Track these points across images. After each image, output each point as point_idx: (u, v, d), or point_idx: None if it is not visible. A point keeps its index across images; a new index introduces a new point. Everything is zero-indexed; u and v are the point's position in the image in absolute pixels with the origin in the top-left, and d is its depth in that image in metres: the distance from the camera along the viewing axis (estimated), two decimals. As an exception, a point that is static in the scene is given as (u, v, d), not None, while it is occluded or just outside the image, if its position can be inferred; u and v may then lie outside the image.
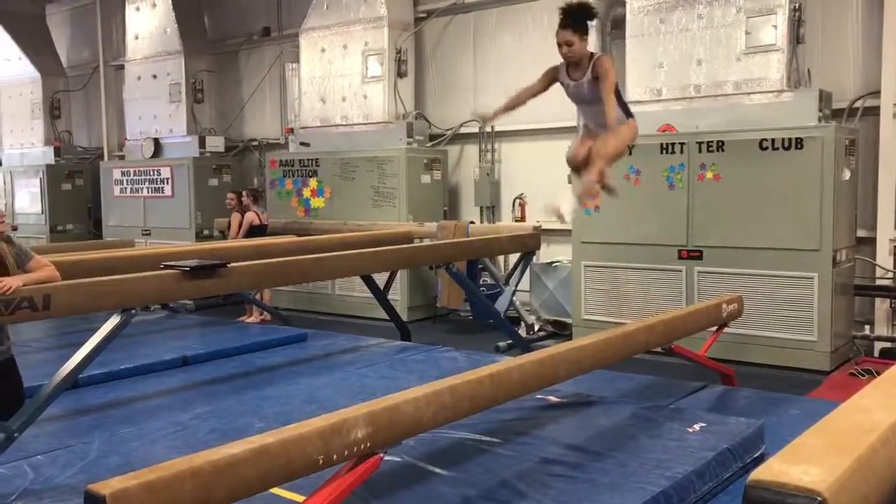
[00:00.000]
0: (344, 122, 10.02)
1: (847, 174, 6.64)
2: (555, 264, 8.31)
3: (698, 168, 6.93)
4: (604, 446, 3.95)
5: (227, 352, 6.74)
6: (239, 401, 5.25)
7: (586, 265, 7.59)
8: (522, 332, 8.00)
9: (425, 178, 9.43)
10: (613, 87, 4.90)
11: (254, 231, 9.03)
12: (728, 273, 6.84)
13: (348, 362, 6.41)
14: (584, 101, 5.10)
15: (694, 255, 7.00)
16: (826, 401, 5.05)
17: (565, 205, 5.11)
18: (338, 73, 10.01)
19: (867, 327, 7.08)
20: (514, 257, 8.10)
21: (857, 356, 6.87)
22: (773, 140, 6.58)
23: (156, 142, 11.61)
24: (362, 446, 2.80)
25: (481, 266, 8.41)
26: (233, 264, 5.16)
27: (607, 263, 7.43)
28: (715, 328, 5.46)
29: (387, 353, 6.67)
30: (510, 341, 7.44)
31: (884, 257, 7.01)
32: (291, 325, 8.37)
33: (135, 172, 11.70)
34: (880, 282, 7.08)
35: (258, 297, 9.07)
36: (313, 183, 10.04)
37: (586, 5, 4.91)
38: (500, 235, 7.59)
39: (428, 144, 9.78)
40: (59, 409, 4.92)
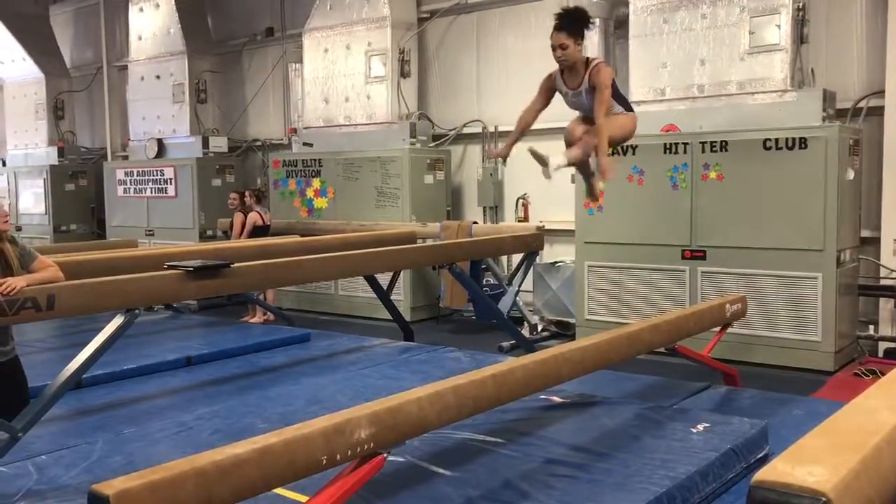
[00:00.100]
0: (347, 123, 10.02)
1: (851, 174, 6.63)
2: (558, 264, 8.31)
3: (702, 168, 6.92)
4: (607, 447, 3.95)
5: (231, 352, 6.75)
6: (242, 401, 5.25)
7: (589, 265, 7.59)
8: (525, 332, 8.00)
9: (428, 179, 9.43)
10: (608, 101, 4.82)
11: (257, 231, 9.03)
12: (732, 273, 6.83)
13: (351, 362, 6.41)
14: (584, 109, 5.10)
15: (697, 256, 6.99)
16: (830, 401, 5.05)
17: (554, 159, 4.86)
18: (341, 74, 10.01)
19: (871, 327, 7.07)
20: (518, 257, 8.10)
21: (862, 356, 6.86)
22: (776, 140, 6.57)
23: (159, 142, 11.62)
24: (366, 446, 2.80)
25: (484, 266, 8.41)
26: (236, 265, 5.16)
27: (610, 263, 7.43)
28: (718, 328, 5.45)
29: (390, 354, 6.67)
30: (513, 341, 7.44)
31: (888, 257, 6.99)
32: (295, 326, 8.37)
33: (138, 173, 11.72)
34: (884, 282, 7.06)
35: (261, 297, 9.08)
36: (316, 183, 10.04)
37: (582, 11, 4.91)
38: (503, 235, 7.58)
39: (431, 144, 9.78)
40: (62, 409, 4.93)
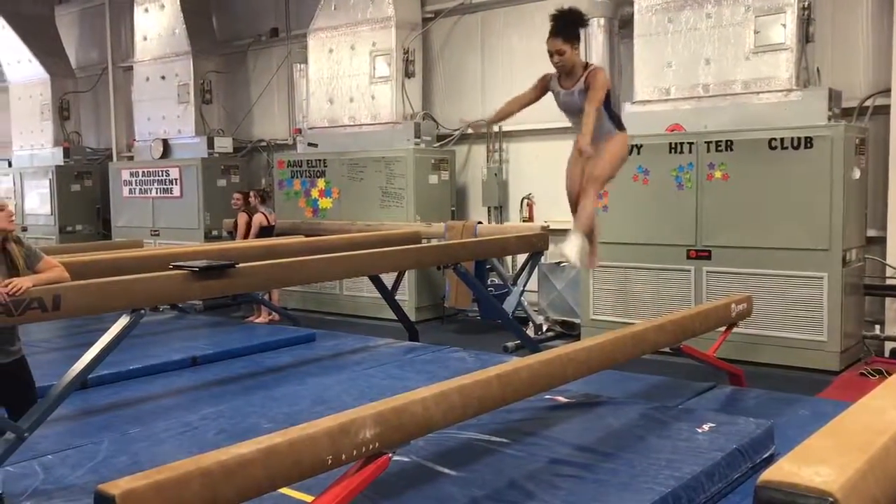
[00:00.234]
0: (352, 123, 10.03)
1: (857, 173, 6.61)
2: (563, 264, 8.30)
3: (707, 168, 6.90)
4: (612, 447, 3.94)
5: (236, 352, 6.76)
6: (247, 401, 5.26)
7: (594, 265, 7.57)
8: (530, 332, 7.99)
9: (433, 179, 9.43)
10: (599, 101, 4.75)
11: (262, 232, 9.05)
12: (737, 273, 6.82)
13: (356, 362, 6.42)
14: (573, 111, 4.96)
15: (703, 255, 6.98)
16: (836, 401, 5.03)
17: (569, 247, 4.87)
18: (345, 74, 10.02)
19: (877, 327, 7.05)
20: (522, 257, 8.09)
21: (868, 356, 6.84)
22: (782, 139, 6.55)
23: (164, 143, 11.65)
24: (371, 446, 2.80)
25: (489, 266, 8.41)
26: (241, 265, 5.16)
27: (616, 263, 7.41)
28: (724, 328, 5.44)
29: (395, 354, 6.67)
30: (518, 341, 7.44)
31: (894, 257, 6.97)
32: (300, 326, 8.38)
33: (143, 173, 11.74)
34: (890, 281, 7.04)
35: (266, 297, 9.09)
36: (321, 183, 10.05)
37: (577, 12, 4.79)
38: (507, 235, 7.58)
39: (436, 145, 9.78)
40: (68, 409, 4.94)
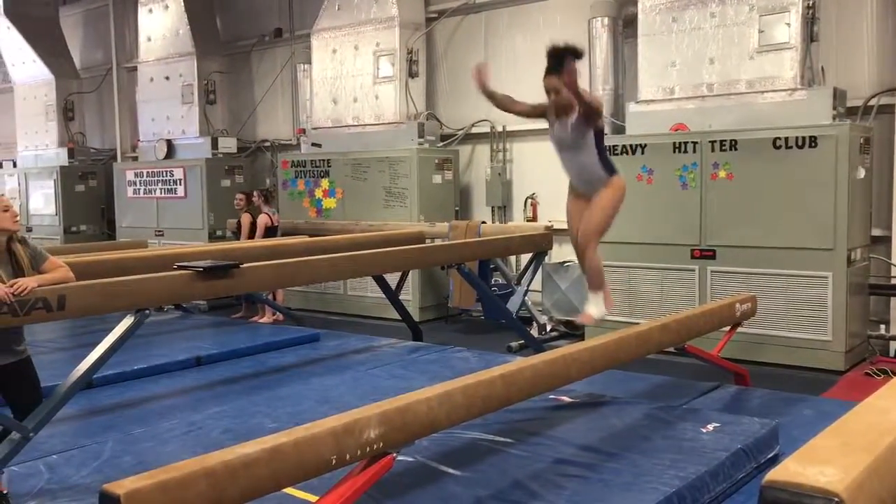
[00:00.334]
0: (355, 123, 10.03)
1: (862, 173, 6.60)
2: (567, 264, 8.30)
3: (711, 167, 6.90)
4: (617, 446, 3.94)
5: (240, 352, 6.77)
6: (252, 401, 5.27)
7: (598, 265, 7.56)
8: (534, 332, 7.99)
9: (437, 178, 9.43)
10: (594, 118, 4.66)
11: (266, 232, 9.06)
12: (741, 273, 6.80)
13: (360, 362, 6.42)
14: (564, 145, 4.80)
15: (707, 255, 6.97)
16: (841, 401, 5.04)
17: (593, 308, 4.85)
18: (349, 74, 10.02)
19: (882, 327, 7.03)
20: (526, 257, 8.09)
21: (873, 356, 6.82)
22: (786, 139, 6.54)
23: (168, 143, 11.66)
24: (375, 447, 2.81)
25: (493, 266, 8.40)
26: (246, 265, 5.17)
27: (620, 263, 7.40)
28: (728, 328, 5.43)
29: (399, 354, 6.67)
30: (522, 341, 7.43)
31: (899, 256, 6.97)
32: (304, 326, 8.39)
33: (148, 174, 11.76)
34: (895, 280, 7.03)
35: (271, 297, 9.10)
36: (325, 183, 10.05)
37: (572, 49, 4.63)
38: (511, 235, 7.58)
39: (439, 144, 9.78)
40: (73, 408, 4.96)
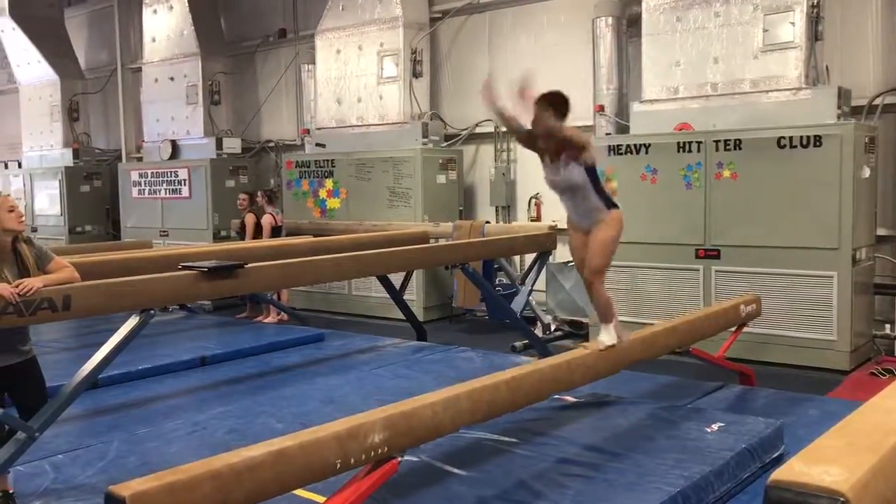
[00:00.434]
0: (359, 123, 10.04)
1: (867, 172, 6.58)
2: (571, 264, 8.28)
3: (715, 167, 6.88)
4: (621, 446, 3.94)
5: (245, 352, 6.78)
6: (256, 401, 5.28)
7: (603, 265, 7.55)
8: (539, 331, 7.98)
9: (441, 178, 9.43)
10: (578, 155, 4.45)
11: (271, 232, 9.06)
12: (746, 272, 6.79)
13: (365, 362, 6.43)
14: (559, 188, 4.63)
15: (711, 255, 6.96)
16: (845, 401, 5.03)
17: (605, 337, 4.48)
18: (353, 74, 10.03)
19: (887, 326, 7.01)
20: (530, 257, 8.08)
21: (878, 355, 6.81)
22: (791, 138, 6.52)
23: (173, 143, 11.68)
24: (380, 450, 2.81)
25: (497, 266, 8.40)
26: (250, 265, 5.18)
27: (624, 263, 7.38)
28: (733, 329, 5.43)
29: (403, 353, 6.68)
30: (526, 341, 7.43)
31: (904, 255, 6.95)
32: (308, 326, 8.40)
33: (152, 174, 11.78)
34: (900, 280, 7.02)
35: (275, 297, 9.11)
36: (329, 184, 10.06)
37: (560, 97, 4.50)
38: (515, 235, 7.57)
39: (443, 144, 9.78)
40: (78, 408, 4.97)
